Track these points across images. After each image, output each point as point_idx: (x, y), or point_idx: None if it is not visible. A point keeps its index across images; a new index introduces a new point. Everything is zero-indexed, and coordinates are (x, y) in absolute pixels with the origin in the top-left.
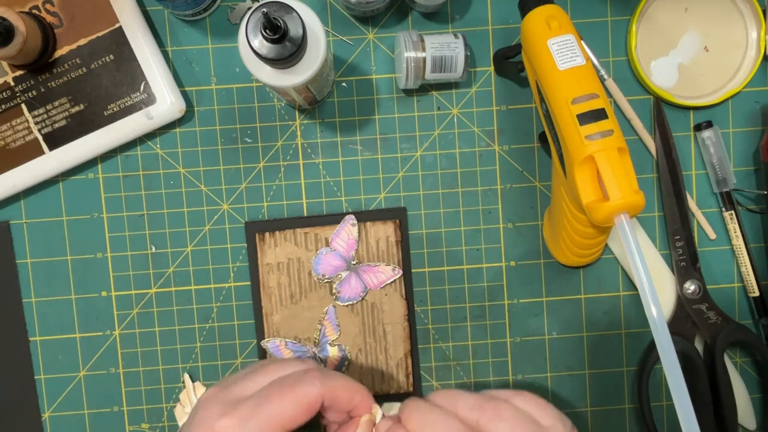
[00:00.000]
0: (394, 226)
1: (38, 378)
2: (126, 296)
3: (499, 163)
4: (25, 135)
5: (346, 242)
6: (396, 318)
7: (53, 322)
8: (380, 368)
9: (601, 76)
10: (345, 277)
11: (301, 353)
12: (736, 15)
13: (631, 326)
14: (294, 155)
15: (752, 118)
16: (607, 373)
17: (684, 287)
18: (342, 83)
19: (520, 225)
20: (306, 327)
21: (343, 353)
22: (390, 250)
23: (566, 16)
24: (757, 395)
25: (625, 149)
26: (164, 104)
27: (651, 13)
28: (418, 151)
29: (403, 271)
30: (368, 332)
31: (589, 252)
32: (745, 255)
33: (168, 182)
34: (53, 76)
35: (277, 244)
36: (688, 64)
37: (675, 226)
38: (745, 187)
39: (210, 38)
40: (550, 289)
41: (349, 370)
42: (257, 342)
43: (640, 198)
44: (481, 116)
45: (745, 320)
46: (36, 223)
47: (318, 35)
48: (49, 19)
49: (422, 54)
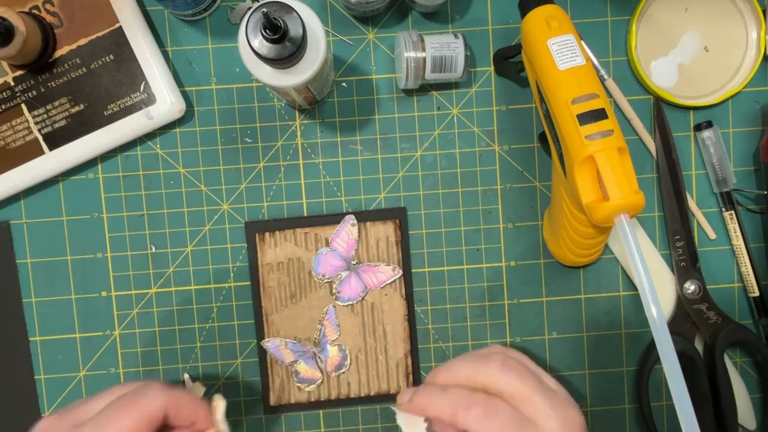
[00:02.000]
0: (394, 226)
1: (38, 378)
2: (126, 296)
3: (499, 163)
4: (25, 135)
5: (346, 242)
6: (396, 318)
7: (53, 322)
8: (380, 368)
9: (601, 76)
10: (345, 277)
11: (301, 353)
12: (736, 15)
13: (631, 326)
14: (294, 155)
15: (752, 118)
16: (607, 373)
17: (684, 287)
18: (342, 83)
19: (520, 225)
20: (306, 327)
21: (343, 353)
22: (390, 250)
23: (566, 16)
24: (757, 395)
25: (625, 149)
26: (164, 104)
27: (651, 13)
28: (418, 151)
29: (403, 271)
30: (368, 332)
31: (589, 252)
32: (745, 255)
33: (168, 182)
34: (53, 76)
35: (277, 244)
36: (688, 64)
37: (675, 226)
38: (745, 187)
39: (210, 38)
40: (550, 289)
41: (349, 370)
42: (257, 342)
43: (640, 198)
44: (481, 116)
45: (745, 320)
46: (36, 223)
47: (318, 35)
48: (49, 19)
49: (422, 54)
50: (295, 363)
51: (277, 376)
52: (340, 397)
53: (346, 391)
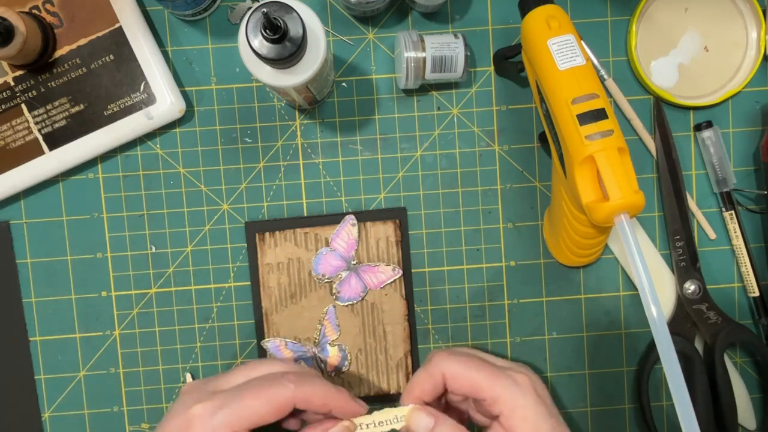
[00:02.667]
0: (394, 226)
1: (38, 378)
2: (126, 296)
3: (499, 163)
4: (25, 135)
5: (346, 242)
6: (396, 318)
7: (53, 322)
8: (380, 368)
9: (601, 76)
10: (345, 277)
11: (301, 353)
12: (736, 15)
13: (631, 326)
14: (294, 155)
15: (752, 118)
16: (607, 373)
17: (684, 287)
18: (342, 83)
19: (520, 225)
20: (306, 327)
21: (343, 353)
22: (390, 250)
23: (566, 16)
24: (757, 395)
25: (625, 149)
26: (164, 104)
27: (651, 13)
28: (418, 151)
29: (403, 271)
30: (368, 332)
31: (589, 252)
32: (745, 255)
33: (168, 182)
34: (53, 76)
35: (277, 244)
36: (688, 64)
37: (675, 226)
38: (745, 187)
39: (210, 38)
40: (550, 289)
41: (349, 370)
42: (257, 342)
43: (640, 198)
44: (481, 116)
45: (745, 320)
46: (36, 223)
47: (318, 35)
48: (49, 19)
49: (422, 54)
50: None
51: None
52: None
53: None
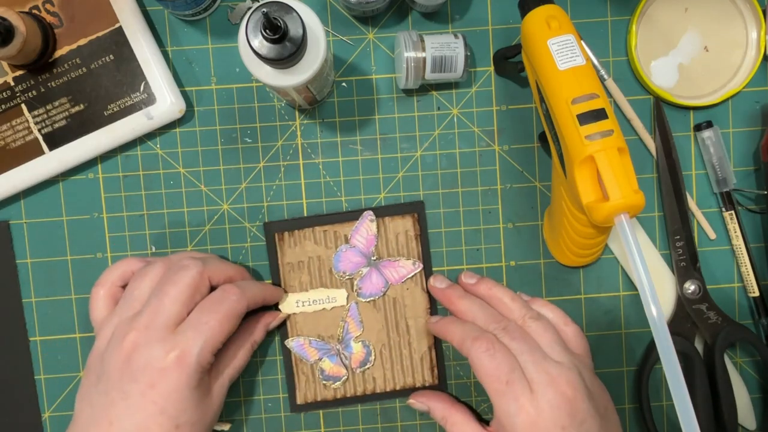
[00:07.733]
0: (412, 220)
1: (38, 378)
2: None
3: (499, 163)
4: (25, 135)
5: (366, 238)
6: (418, 312)
7: (53, 322)
8: (405, 362)
9: (601, 76)
10: (366, 273)
11: (326, 350)
12: (736, 15)
13: (631, 326)
14: (294, 155)
15: (752, 118)
16: (607, 372)
17: (684, 287)
18: (342, 83)
19: (520, 225)
20: (329, 324)
21: (368, 349)
22: (409, 244)
23: (566, 16)
24: (757, 395)
25: (625, 149)
26: (164, 104)
27: (651, 13)
28: (418, 151)
29: (423, 264)
30: (391, 327)
31: (589, 252)
32: (745, 255)
33: (168, 182)
34: (53, 76)
35: (297, 243)
36: (688, 64)
37: (675, 226)
38: (745, 187)
39: (210, 38)
40: (550, 289)
41: (374, 366)
42: (281, 341)
43: (640, 198)
44: (481, 116)
45: (745, 320)
46: (36, 223)
47: (318, 35)
48: (49, 19)
49: (422, 54)
50: (320, 361)
51: (303, 374)
52: (366, 393)
53: (372, 387)
